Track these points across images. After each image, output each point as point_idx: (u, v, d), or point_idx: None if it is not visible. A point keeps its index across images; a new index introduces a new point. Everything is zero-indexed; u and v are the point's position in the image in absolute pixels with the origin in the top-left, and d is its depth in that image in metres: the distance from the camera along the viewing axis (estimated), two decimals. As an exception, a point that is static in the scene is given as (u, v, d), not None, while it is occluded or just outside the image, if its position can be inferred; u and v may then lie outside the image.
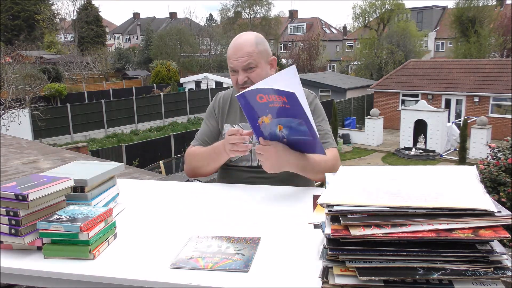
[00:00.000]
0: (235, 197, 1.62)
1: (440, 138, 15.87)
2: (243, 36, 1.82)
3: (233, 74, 1.82)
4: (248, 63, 1.75)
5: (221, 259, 1.11)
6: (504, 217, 0.82)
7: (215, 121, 1.95)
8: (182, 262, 1.10)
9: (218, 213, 1.46)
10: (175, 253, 1.15)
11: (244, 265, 1.08)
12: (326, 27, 51.90)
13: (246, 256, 1.13)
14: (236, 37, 1.84)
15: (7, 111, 15.82)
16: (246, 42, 1.78)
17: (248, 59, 1.75)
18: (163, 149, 14.64)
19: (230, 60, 1.79)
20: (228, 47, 1.83)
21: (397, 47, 29.63)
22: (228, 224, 1.36)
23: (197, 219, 1.40)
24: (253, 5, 46.01)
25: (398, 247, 0.84)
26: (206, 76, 29.96)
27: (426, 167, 1.10)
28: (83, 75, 32.73)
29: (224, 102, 1.96)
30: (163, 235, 1.28)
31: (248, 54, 1.75)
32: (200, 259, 1.11)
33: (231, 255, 1.13)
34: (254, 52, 1.76)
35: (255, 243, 1.20)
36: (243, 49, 1.76)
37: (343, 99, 21.77)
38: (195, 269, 1.06)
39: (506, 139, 6.37)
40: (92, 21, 41.71)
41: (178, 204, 1.61)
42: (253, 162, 1.83)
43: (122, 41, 60.10)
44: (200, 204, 1.58)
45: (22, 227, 1.13)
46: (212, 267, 1.07)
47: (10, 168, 2.76)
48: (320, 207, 1.08)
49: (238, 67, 1.77)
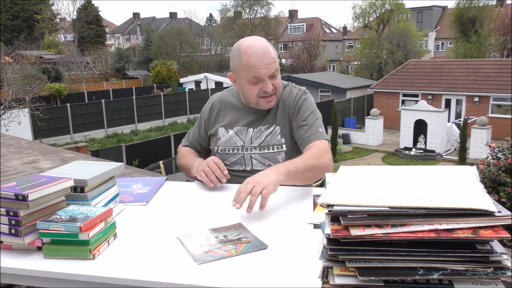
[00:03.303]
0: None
1: (440, 138, 15.87)
2: (259, 43, 1.71)
3: (255, 85, 1.71)
4: (276, 69, 1.71)
5: (234, 245, 1.18)
6: (504, 217, 0.82)
7: (204, 126, 1.96)
8: (205, 256, 1.12)
9: (218, 213, 1.46)
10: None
11: (259, 244, 1.18)
12: (326, 27, 51.90)
13: (251, 236, 1.23)
14: (249, 45, 1.70)
15: (7, 111, 15.82)
16: (267, 48, 1.69)
17: (275, 65, 1.71)
18: (163, 149, 14.64)
19: (256, 70, 1.67)
20: (243, 55, 1.68)
21: (397, 47, 29.62)
22: (228, 224, 1.36)
23: (197, 219, 1.40)
24: (253, 5, 46.00)
25: (398, 247, 0.84)
26: (206, 76, 29.96)
27: (426, 167, 1.10)
28: (83, 75, 32.72)
29: (219, 107, 1.93)
30: (163, 235, 1.28)
31: (273, 59, 1.70)
32: (217, 250, 1.15)
33: (237, 240, 1.21)
34: (275, 56, 1.74)
35: (242, 227, 1.30)
36: (268, 56, 1.68)
37: (343, 99, 21.77)
38: (224, 258, 1.11)
39: (506, 139, 6.37)
40: (92, 21, 41.72)
41: (178, 204, 1.61)
42: (247, 167, 1.83)
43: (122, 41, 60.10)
44: (200, 204, 1.58)
45: (22, 227, 1.13)
46: (236, 252, 1.14)
47: (10, 168, 2.76)
48: (320, 207, 1.08)
49: (267, 75, 1.69)
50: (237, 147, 1.83)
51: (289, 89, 1.88)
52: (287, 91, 1.87)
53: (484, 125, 15.09)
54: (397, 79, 21.30)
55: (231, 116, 1.88)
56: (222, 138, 1.87)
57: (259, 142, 1.81)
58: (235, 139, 1.84)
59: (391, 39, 30.24)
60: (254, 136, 1.82)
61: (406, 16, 34.01)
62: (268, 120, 1.83)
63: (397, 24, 31.72)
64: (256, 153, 1.81)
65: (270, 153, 1.80)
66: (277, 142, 1.80)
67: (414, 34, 31.05)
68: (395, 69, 23.64)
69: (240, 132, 1.85)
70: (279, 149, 1.79)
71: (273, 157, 1.79)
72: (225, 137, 1.86)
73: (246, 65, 1.68)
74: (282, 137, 1.80)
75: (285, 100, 1.85)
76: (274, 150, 1.79)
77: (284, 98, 1.85)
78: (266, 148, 1.80)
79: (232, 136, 1.85)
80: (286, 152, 1.79)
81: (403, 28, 30.44)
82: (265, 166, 1.78)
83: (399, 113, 18.18)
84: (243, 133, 1.84)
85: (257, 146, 1.81)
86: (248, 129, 1.84)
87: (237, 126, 1.86)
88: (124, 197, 1.60)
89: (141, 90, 29.60)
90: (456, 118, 18.35)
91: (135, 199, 1.60)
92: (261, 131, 1.82)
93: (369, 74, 30.48)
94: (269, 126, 1.82)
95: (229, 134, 1.86)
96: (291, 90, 1.87)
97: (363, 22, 34.82)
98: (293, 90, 1.87)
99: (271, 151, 1.79)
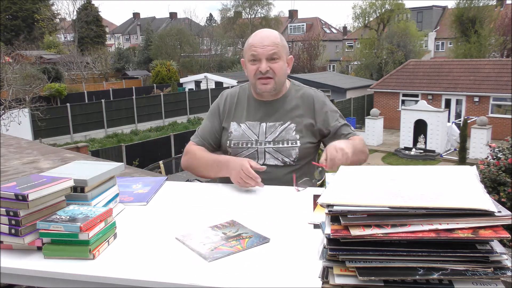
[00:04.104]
0: (235, 197, 1.62)
1: (440, 138, 15.86)
2: (267, 30, 1.85)
3: (253, 64, 1.79)
4: (273, 52, 1.76)
5: (237, 240, 1.20)
6: (504, 217, 0.82)
7: (218, 120, 1.94)
8: (213, 253, 1.13)
9: (218, 213, 1.46)
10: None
11: (261, 237, 1.21)
12: (326, 27, 51.89)
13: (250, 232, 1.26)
14: (258, 31, 1.86)
15: (7, 111, 15.81)
16: (272, 34, 1.82)
17: (274, 48, 1.77)
18: (163, 149, 14.64)
19: (254, 48, 1.77)
20: (249, 38, 1.83)
21: (397, 47, 29.61)
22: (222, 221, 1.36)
23: (196, 218, 1.40)
24: (253, 5, 45.99)
25: (398, 247, 0.84)
26: (206, 76, 29.93)
27: (426, 167, 1.10)
28: (83, 75, 32.70)
29: (231, 101, 1.95)
30: (163, 235, 1.28)
31: (274, 44, 1.77)
32: (222, 247, 1.16)
33: (237, 236, 1.23)
34: (279, 44, 1.79)
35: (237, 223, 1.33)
36: (269, 39, 1.78)
37: (343, 99, 21.76)
38: (232, 254, 1.13)
39: (506, 139, 6.36)
40: (92, 21, 41.68)
41: (178, 204, 1.61)
42: (259, 161, 1.83)
43: (122, 41, 60.08)
44: (200, 204, 1.58)
45: (22, 227, 1.13)
46: (243, 247, 1.15)
47: (10, 168, 2.76)
48: (320, 207, 1.08)
49: (263, 55, 1.76)
50: (250, 141, 1.85)
51: (307, 90, 1.93)
52: (305, 92, 1.92)
53: (484, 125, 15.07)
54: (397, 79, 21.29)
55: (243, 111, 1.90)
56: (234, 133, 1.88)
57: (274, 136, 1.84)
58: (248, 133, 1.86)
59: (391, 39, 30.23)
60: (268, 131, 1.85)
61: (406, 16, 33.99)
62: (281, 116, 1.86)
63: (397, 24, 31.70)
64: (270, 147, 1.83)
65: (285, 148, 1.82)
66: (291, 137, 1.83)
67: (414, 34, 31.04)
68: (395, 69, 23.62)
69: (253, 127, 1.87)
70: (294, 144, 1.82)
71: (287, 151, 1.82)
72: (237, 132, 1.88)
73: (248, 45, 1.82)
74: (297, 133, 1.84)
75: (303, 99, 1.89)
76: (288, 144, 1.82)
77: (302, 98, 1.90)
78: (281, 143, 1.83)
79: (245, 130, 1.87)
80: (299, 148, 1.82)
81: (403, 28, 30.42)
82: (277, 161, 1.82)
83: (399, 113, 18.17)
84: (256, 128, 1.86)
85: (271, 141, 1.83)
86: (261, 123, 1.86)
87: (249, 121, 1.87)
88: (124, 197, 1.60)
89: (141, 90, 29.58)
90: (456, 118, 18.34)
91: (135, 199, 1.60)
92: (275, 126, 1.85)
93: (369, 74, 30.47)
94: (283, 122, 1.85)
95: (241, 129, 1.87)
96: (310, 92, 1.92)
97: (363, 22, 34.79)
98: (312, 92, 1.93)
99: (286, 146, 1.82)
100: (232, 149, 1.87)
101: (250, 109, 1.90)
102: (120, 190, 1.57)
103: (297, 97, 1.90)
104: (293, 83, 1.96)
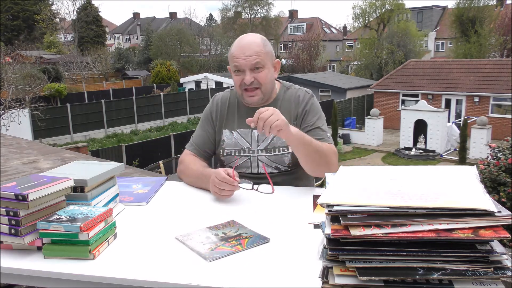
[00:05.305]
0: (234, 198, 1.62)
1: (440, 138, 15.87)
2: (248, 36, 1.77)
3: (237, 75, 1.74)
4: (256, 62, 1.70)
5: (237, 240, 1.20)
6: (504, 217, 0.82)
7: (211, 128, 1.90)
8: (213, 253, 1.13)
9: (218, 213, 1.46)
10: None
11: (261, 237, 1.22)
12: (326, 27, 51.88)
13: (250, 232, 1.26)
14: (240, 38, 1.78)
15: (7, 111, 15.81)
16: (254, 42, 1.73)
17: (257, 58, 1.70)
18: (163, 149, 14.63)
19: (236, 59, 1.71)
20: (232, 46, 1.76)
21: (397, 47, 29.61)
22: (222, 221, 1.36)
23: (196, 219, 1.40)
24: (253, 5, 45.98)
25: (398, 247, 0.84)
26: (206, 76, 29.93)
27: (426, 167, 1.10)
28: (83, 75, 32.71)
29: (222, 106, 1.91)
30: (163, 235, 1.28)
31: (256, 53, 1.70)
32: (222, 247, 1.16)
33: (237, 236, 1.23)
34: (262, 52, 1.72)
35: (237, 224, 1.32)
36: (251, 48, 1.71)
37: (343, 99, 21.76)
38: (233, 254, 1.13)
39: (506, 139, 6.36)
40: (92, 21, 41.69)
41: (178, 204, 1.61)
42: (253, 169, 1.82)
43: (122, 41, 60.07)
44: (200, 204, 1.58)
45: (22, 227, 1.13)
46: (243, 247, 1.15)
47: (10, 168, 2.76)
48: (320, 207, 1.08)
49: (246, 66, 1.70)
50: (243, 150, 1.82)
51: (295, 91, 1.87)
52: (292, 93, 1.86)
53: (484, 125, 15.07)
54: (397, 79, 21.29)
55: (234, 117, 1.87)
56: (227, 141, 1.85)
57: (266, 144, 1.80)
58: (241, 141, 1.83)
59: (391, 39, 30.23)
60: (260, 139, 1.81)
61: (406, 16, 33.99)
62: None
63: (397, 24, 31.70)
64: (263, 155, 1.80)
65: (277, 155, 1.80)
66: (282, 144, 1.79)
67: (414, 34, 31.04)
68: (395, 69, 23.63)
69: (245, 135, 1.83)
70: (285, 150, 1.79)
71: (280, 159, 1.79)
72: (230, 140, 1.85)
73: (230, 55, 1.76)
74: None
75: (291, 101, 1.84)
76: (280, 152, 1.79)
77: (289, 100, 1.84)
78: (273, 150, 1.80)
79: (237, 138, 1.84)
80: (292, 154, 1.78)
81: (403, 28, 30.42)
82: (271, 168, 1.79)
83: (399, 113, 18.18)
84: (248, 135, 1.83)
85: (264, 149, 1.80)
86: (252, 130, 1.82)
87: (241, 128, 1.84)
88: (124, 197, 1.60)
89: (141, 90, 29.58)
90: (456, 118, 18.34)
91: (135, 199, 1.60)
92: None
93: (369, 74, 30.47)
94: None
95: (234, 137, 1.84)
96: (297, 93, 1.86)
97: (363, 22, 34.79)
98: (300, 92, 1.86)
99: (278, 153, 1.79)
100: (225, 158, 1.85)
101: (240, 115, 1.85)
102: (120, 190, 1.57)
103: (286, 100, 1.85)
104: (283, 85, 1.90)
